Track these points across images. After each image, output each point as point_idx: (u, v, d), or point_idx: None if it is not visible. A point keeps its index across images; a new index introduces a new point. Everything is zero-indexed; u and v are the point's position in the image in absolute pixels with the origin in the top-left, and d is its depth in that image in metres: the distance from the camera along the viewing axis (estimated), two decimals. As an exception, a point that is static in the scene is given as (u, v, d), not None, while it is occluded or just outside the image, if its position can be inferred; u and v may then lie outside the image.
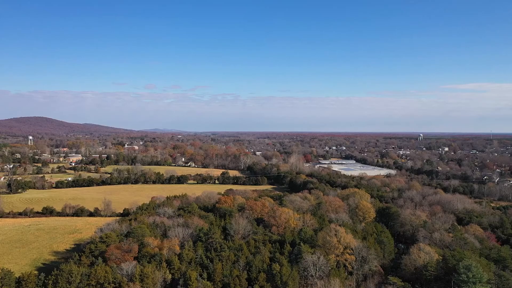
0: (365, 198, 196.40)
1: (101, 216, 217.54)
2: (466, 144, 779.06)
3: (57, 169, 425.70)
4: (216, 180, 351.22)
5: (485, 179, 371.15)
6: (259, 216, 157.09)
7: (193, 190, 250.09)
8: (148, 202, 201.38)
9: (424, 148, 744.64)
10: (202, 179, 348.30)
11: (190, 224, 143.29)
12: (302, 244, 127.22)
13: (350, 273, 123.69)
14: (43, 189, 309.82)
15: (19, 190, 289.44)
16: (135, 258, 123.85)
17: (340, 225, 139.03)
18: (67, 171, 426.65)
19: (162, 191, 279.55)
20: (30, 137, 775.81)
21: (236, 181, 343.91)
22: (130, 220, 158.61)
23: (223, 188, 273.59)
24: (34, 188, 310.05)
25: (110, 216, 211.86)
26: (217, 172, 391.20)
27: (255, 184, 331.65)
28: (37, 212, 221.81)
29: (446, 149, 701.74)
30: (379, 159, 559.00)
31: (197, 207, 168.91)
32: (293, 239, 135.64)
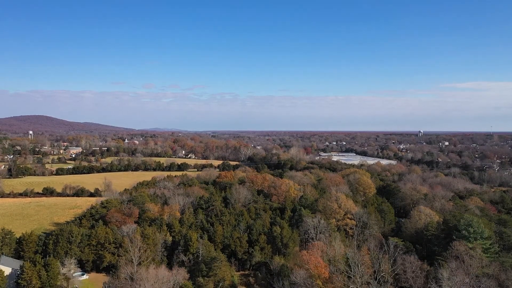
0: (365, 176, 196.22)
1: (102, 196, 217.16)
2: (466, 138, 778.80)
3: (57, 160, 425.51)
4: (217, 168, 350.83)
5: (486, 167, 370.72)
6: (260, 188, 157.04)
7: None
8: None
9: (424, 143, 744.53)
10: (203, 167, 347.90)
11: (190, 193, 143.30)
12: (303, 209, 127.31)
13: (351, 236, 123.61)
14: (44, 175, 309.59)
15: (20, 176, 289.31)
16: (136, 222, 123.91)
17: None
18: (67, 161, 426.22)
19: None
20: (30, 132, 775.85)
21: (236, 169, 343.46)
22: (131, 192, 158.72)
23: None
24: (34, 175, 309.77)
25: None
26: (218, 163, 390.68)
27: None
28: (38, 193, 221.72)
29: (447, 143, 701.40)
30: (379, 152, 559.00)
31: (197, 182, 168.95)
32: (293, 207, 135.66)
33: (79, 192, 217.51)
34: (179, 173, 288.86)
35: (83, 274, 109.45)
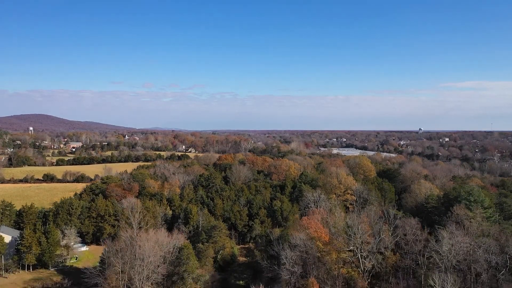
0: (366, 160, 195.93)
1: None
2: (467, 135, 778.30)
3: (58, 153, 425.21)
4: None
5: (486, 160, 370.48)
6: (260, 168, 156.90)
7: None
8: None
9: (424, 139, 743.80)
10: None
11: (190, 172, 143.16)
12: (303, 184, 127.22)
13: (352, 212, 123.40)
14: (44, 166, 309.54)
15: (20, 165, 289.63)
16: (136, 197, 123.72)
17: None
18: (67, 155, 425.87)
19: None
20: (31, 128, 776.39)
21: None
22: (131, 173, 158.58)
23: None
24: (34, 165, 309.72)
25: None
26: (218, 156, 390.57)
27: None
28: (38, 179, 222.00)
29: (447, 139, 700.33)
30: (379, 147, 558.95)
31: (198, 164, 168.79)
32: (294, 184, 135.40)
33: (79, 179, 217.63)
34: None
35: (83, 246, 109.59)
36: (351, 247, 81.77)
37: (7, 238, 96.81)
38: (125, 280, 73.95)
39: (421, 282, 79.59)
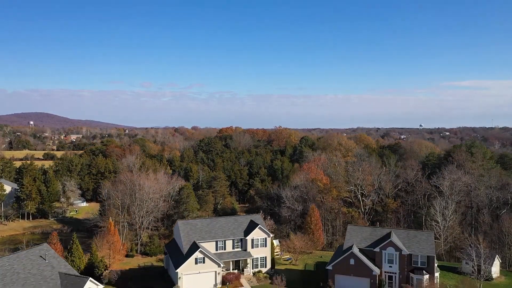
0: (367, 136, 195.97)
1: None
2: (467, 129, 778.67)
3: (58, 143, 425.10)
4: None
5: (487, 148, 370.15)
6: (260, 139, 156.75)
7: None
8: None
9: (425, 134, 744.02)
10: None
11: (190, 138, 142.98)
12: (303, 146, 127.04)
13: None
14: (44, 151, 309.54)
15: (20, 149, 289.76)
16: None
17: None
18: (68, 144, 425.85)
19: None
20: (31, 122, 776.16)
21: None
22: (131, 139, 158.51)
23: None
24: (35, 150, 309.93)
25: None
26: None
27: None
28: (38, 158, 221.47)
29: (448, 133, 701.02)
30: (380, 139, 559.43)
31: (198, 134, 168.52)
32: (294, 149, 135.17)
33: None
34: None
35: (83, 202, 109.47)
36: (351, 187, 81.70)
37: (7, 188, 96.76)
38: (124, 214, 73.76)
39: (422, 223, 79.33)
